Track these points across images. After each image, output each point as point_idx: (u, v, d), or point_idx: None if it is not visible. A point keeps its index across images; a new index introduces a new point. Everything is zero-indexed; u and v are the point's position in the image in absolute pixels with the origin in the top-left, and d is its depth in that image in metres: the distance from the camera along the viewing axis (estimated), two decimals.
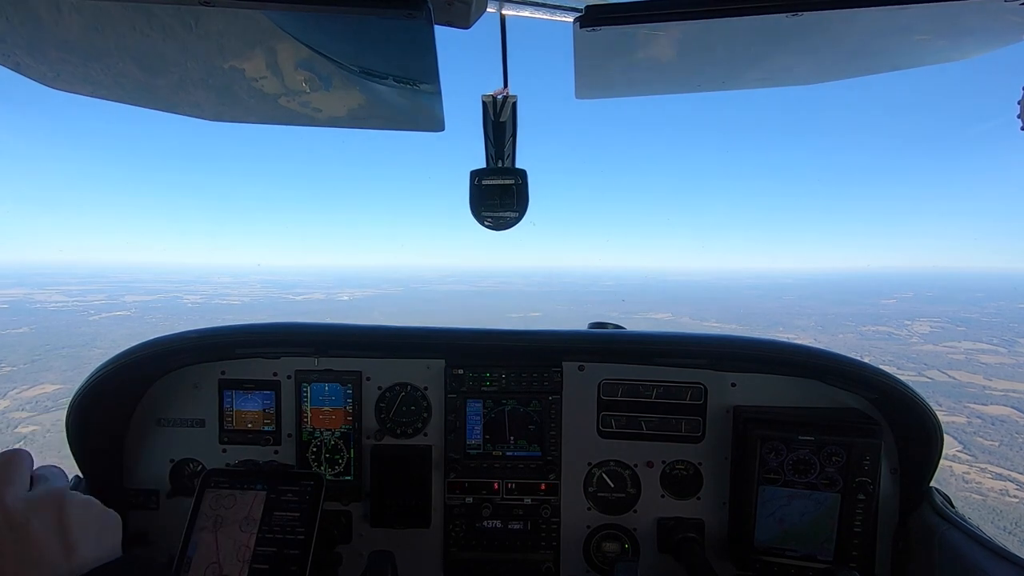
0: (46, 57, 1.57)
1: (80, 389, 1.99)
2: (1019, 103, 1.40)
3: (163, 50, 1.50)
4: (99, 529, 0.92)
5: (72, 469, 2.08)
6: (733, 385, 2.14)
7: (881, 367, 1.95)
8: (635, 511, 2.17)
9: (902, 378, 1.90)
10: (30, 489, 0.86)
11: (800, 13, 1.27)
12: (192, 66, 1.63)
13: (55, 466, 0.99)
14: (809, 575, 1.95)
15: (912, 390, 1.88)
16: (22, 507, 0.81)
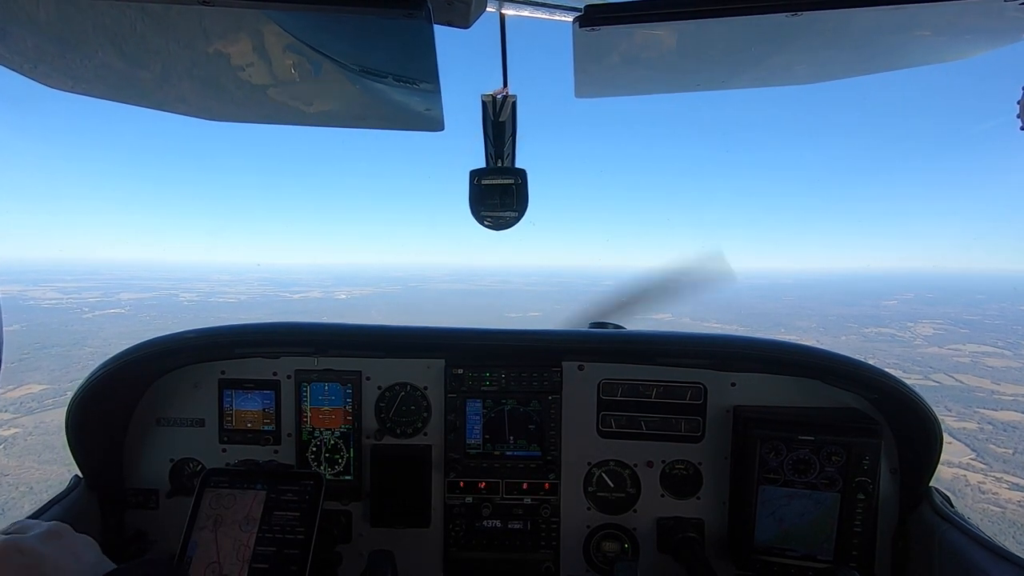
0: (21, 45, 1.50)
1: (80, 389, 1.99)
2: (1019, 103, 1.40)
3: (143, 32, 1.43)
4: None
5: (72, 469, 2.08)
6: (733, 385, 2.14)
7: (885, 369, 1.95)
8: (635, 511, 2.17)
9: (908, 381, 1.90)
10: None
11: (799, 13, 1.27)
12: (174, 51, 1.54)
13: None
14: (809, 575, 1.95)
15: (912, 390, 1.88)
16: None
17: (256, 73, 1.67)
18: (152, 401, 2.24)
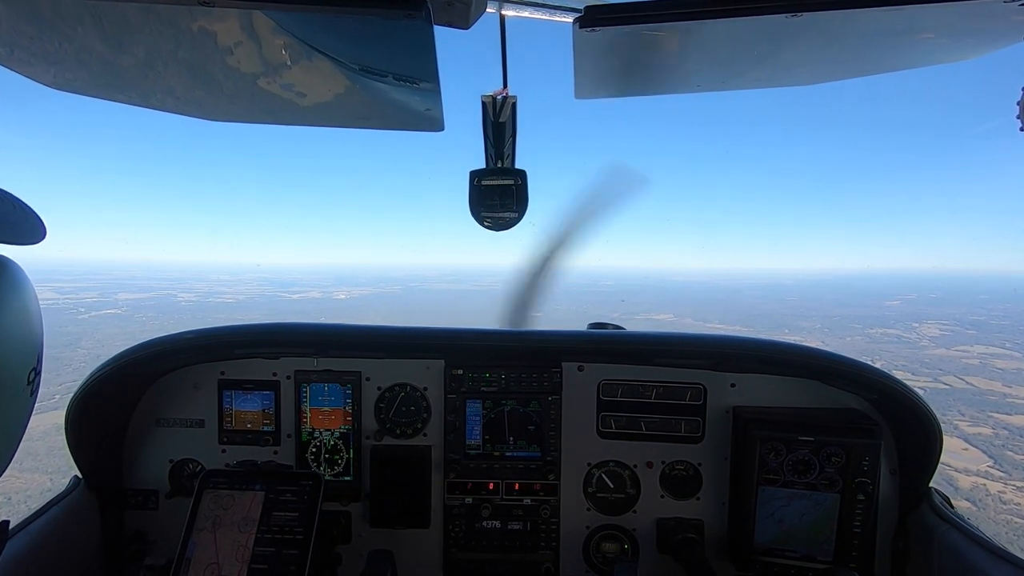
0: None
1: (80, 389, 1.99)
2: (1018, 103, 1.40)
3: (126, 13, 1.33)
4: None
5: (71, 469, 2.08)
6: (733, 385, 2.14)
7: (890, 371, 1.95)
8: (635, 511, 2.17)
9: (918, 384, 1.90)
10: None
11: (800, 14, 1.27)
12: (157, 28, 1.42)
13: None
14: (809, 575, 1.95)
15: (911, 391, 1.88)
16: None
17: (255, 73, 1.65)
18: (152, 401, 2.24)
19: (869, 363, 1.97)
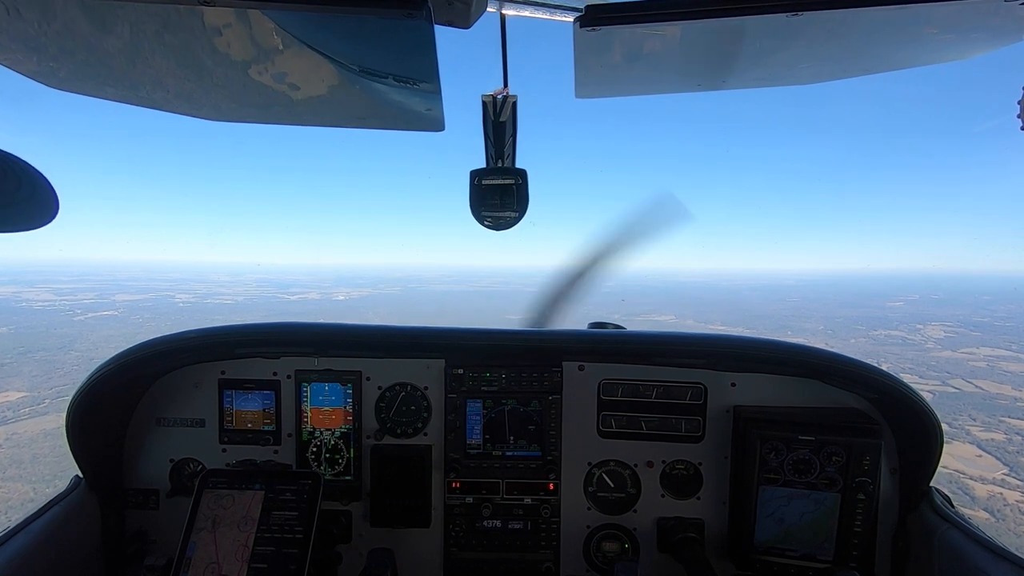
0: None
1: (80, 389, 1.99)
2: (1019, 103, 1.40)
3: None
4: None
5: (72, 469, 2.08)
6: (733, 385, 2.14)
7: (898, 374, 1.95)
8: (635, 511, 2.17)
9: (927, 388, 1.89)
10: None
11: (800, 13, 1.27)
12: (143, 7, 1.33)
13: None
14: (809, 575, 1.95)
15: (912, 390, 1.88)
16: None
17: (254, 73, 1.64)
18: (152, 401, 2.24)
19: (880, 366, 1.97)
